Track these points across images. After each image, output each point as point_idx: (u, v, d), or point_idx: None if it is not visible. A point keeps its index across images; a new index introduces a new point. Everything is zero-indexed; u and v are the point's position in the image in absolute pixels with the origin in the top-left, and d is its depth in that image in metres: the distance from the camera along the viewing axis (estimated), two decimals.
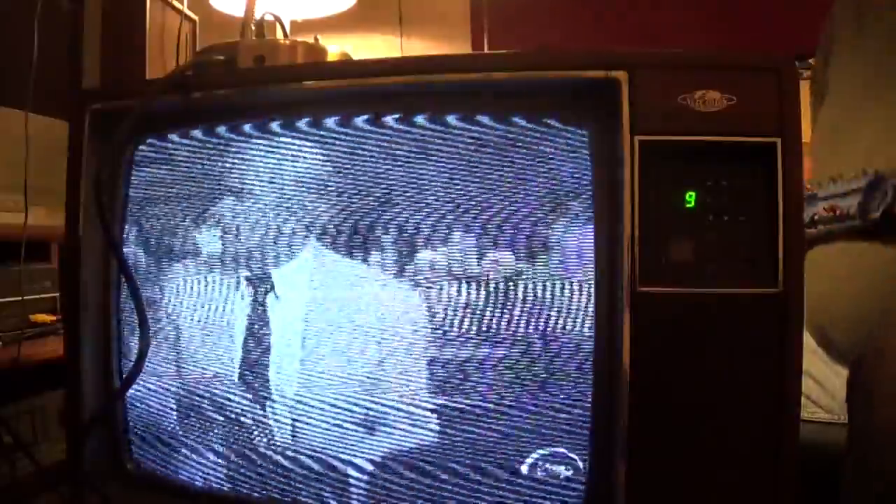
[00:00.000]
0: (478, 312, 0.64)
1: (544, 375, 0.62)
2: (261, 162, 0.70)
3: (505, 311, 0.63)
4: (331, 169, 0.68)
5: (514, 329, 0.63)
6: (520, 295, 0.63)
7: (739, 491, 0.58)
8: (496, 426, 0.64)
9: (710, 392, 0.58)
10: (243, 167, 0.70)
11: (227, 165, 0.71)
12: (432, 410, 0.65)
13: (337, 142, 0.67)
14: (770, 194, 0.57)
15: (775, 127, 0.58)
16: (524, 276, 0.63)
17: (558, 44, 2.17)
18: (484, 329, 0.63)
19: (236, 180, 0.71)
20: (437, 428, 0.65)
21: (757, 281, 0.57)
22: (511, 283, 0.63)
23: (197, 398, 0.72)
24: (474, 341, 0.64)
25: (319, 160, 0.68)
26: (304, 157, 0.68)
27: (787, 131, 0.58)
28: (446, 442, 0.65)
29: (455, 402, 0.64)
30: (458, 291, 0.64)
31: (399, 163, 0.65)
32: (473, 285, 0.64)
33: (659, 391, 0.58)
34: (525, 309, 0.63)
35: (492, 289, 0.63)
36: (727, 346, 0.58)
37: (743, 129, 0.58)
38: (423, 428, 0.65)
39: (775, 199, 0.57)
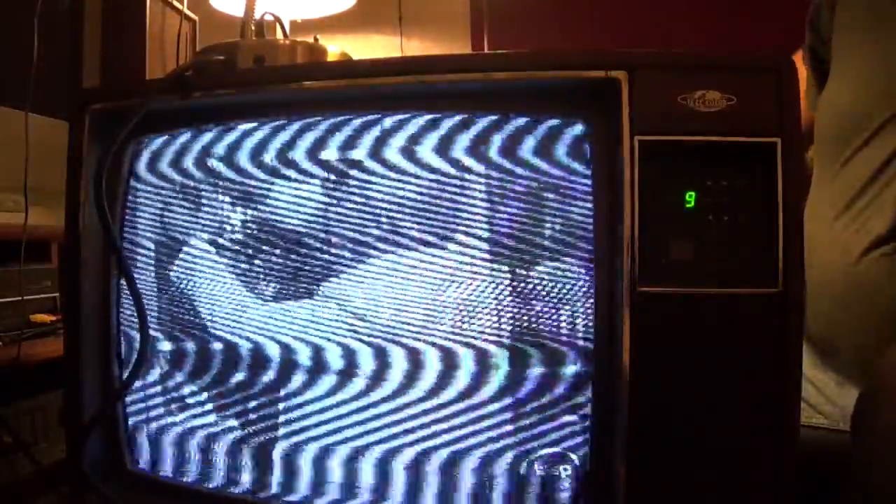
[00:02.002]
0: (476, 312, 0.64)
1: (544, 375, 0.62)
2: (262, 162, 0.70)
3: (505, 310, 0.63)
4: (329, 169, 0.68)
5: (513, 328, 0.63)
6: (520, 294, 0.63)
7: (739, 492, 0.58)
8: (496, 426, 0.64)
9: (709, 392, 0.58)
10: (243, 168, 0.70)
11: (228, 166, 0.71)
12: (431, 410, 0.65)
13: (339, 138, 0.68)
14: (770, 194, 0.57)
15: (775, 127, 0.58)
16: (524, 276, 0.63)
17: (558, 44, 2.17)
18: (483, 329, 0.63)
19: (237, 181, 0.71)
20: (437, 428, 0.65)
21: (757, 281, 0.57)
22: (511, 283, 0.63)
23: (201, 397, 0.72)
24: (473, 341, 0.64)
25: (319, 159, 0.68)
26: (305, 154, 0.69)
27: (786, 131, 0.58)
28: (446, 442, 0.65)
29: (455, 402, 0.64)
30: (456, 289, 0.64)
31: (397, 162, 0.66)
32: (472, 283, 0.64)
33: (659, 391, 0.58)
34: (525, 308, 0.63)
35: (491, 289, 0.63)
36: (727, 346, 0.58)
37: (743, 129, 0.58)
38: (423, 428, 0.65)
39: (775, 199, 0.57)
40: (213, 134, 0.71)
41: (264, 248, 0.70)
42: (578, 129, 0.62)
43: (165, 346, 0.73)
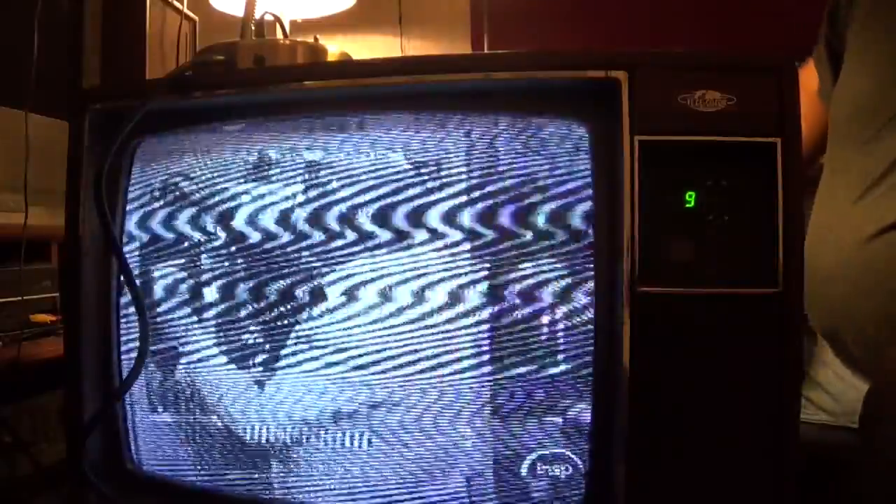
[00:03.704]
0: (477, 312, 0.64)
1: (544, 375, 0.62)
2: (263, 159, 0.70)
3: (505, 310, 0.63)
4: (329, 168, 0.68)
5: (513, 329, 0.63)
6: (519, 294, 0.63)
7: (739, 491, 0.58)
8: (496, 427, 0.64)
9: (709, 392, 0.58)
10: (243, 165, 0.70)
11: (228, 164, 0.71)
12: (430, 411, 0.65)
13: (337, 139, 0.68)
14: (770, 194, 0.57)
15: (775, 127, 0.58)
16: (523, 276, 0.63)
17: (558, 44, 2.17)
18: (483, 329, 0.63)
19: (237, 178, 0.71)
20: (438, 428, 0.65)
21: (757, 281, 0.57)
22: (510, 283, 0.63)
23: (202, 397, 0.72)
24: (473, 341, 0.64)
25: (319, 159, 0.68)
26: (305, 154, 0.69)
27: (787, 131, 0.58)
28: (447, 442, 0.65)
29: (454, 402, 0.64)
30: (457, 290, 0.64)
31: (398, 162, 0.66)
32: (472, 284, 0.64)
33: (659, 391, 0.58)
34: (525, 308, 0.63)
35: (491, 288, 0.63)
36: (727, 346, 0.58)
37: (743, 129, 0.58)
38: (423, 428, 0.65)
39: (775, 199, 0.57)
40: (213, 134, 0.71)
41: (257, 250, 0.70)
42: (578, 129, 0.62)
43: (164, 344, 0.73)
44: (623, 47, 0.61)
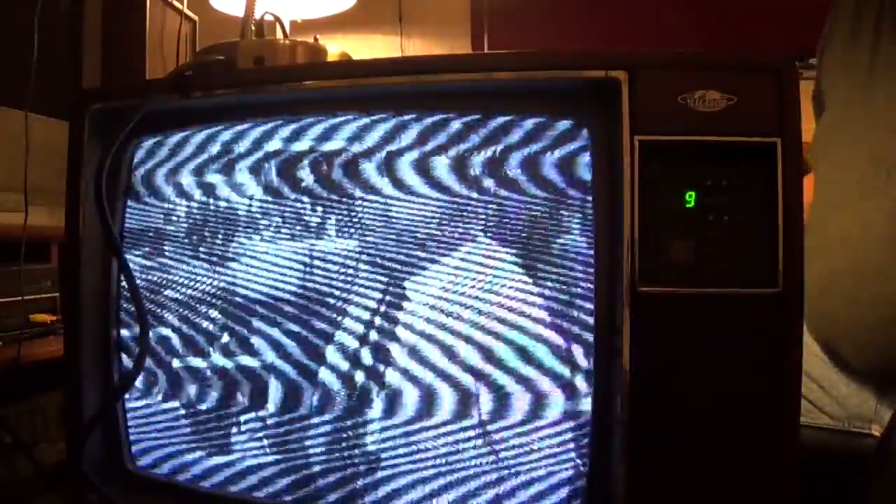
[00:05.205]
0: (477, 311, 0.64)
1: (544, 375, 0.62)
2: (261, 160, 0.70)
3: (505, 310, 0.63)
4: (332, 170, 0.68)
5: (513, 329, 0.63)
6: (519, 295, 0.63)
7: (739, 492, 0.58)
8: (496, 427, 0.64)
9: (710, 392, 0.58)
10: (242, 165, 0.71)
11: (228, 164, 0.71)
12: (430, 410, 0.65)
13: (335, 140, 0.68)
14: (770, 194, 0.57)
15: (775, 127, 0.58)
16: (523, 276, 0.63)
17: (558, 44, 2.17)
18: (483, 328, 0.63)
19: (237, 178, 0.71)
20: (437, 428, 0.65)
21: (757, 281, 0.57)
22: (510, 284, 0.63)
23: (202, 397, 0.72)
24: (473, 341, 0.64)
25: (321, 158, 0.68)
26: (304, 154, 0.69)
27: (786, 131, 0.58)
28: (446, 442, 0.65)
29: (454, 401, 0.64)
30: (455, 288, 0.64)
31: (398, 163, 0.66)
32: (472, 285, 0.64)
33: (659, 391, 0.58)
34: (525, 308, 0.63)
35: (491, 289, 0.63)
36: (727, 346, 0.58)
37: (743, 129, 0.58)
38: (422, 429, 0.65)
39: (775, 199, 0.57)
40: (212, 134, 0.71)
41: (259, 250, 0.70)
42: (578, 129, 0.62)
43: (164, 344, 0.73)
44: (623, 47, 0.61)
